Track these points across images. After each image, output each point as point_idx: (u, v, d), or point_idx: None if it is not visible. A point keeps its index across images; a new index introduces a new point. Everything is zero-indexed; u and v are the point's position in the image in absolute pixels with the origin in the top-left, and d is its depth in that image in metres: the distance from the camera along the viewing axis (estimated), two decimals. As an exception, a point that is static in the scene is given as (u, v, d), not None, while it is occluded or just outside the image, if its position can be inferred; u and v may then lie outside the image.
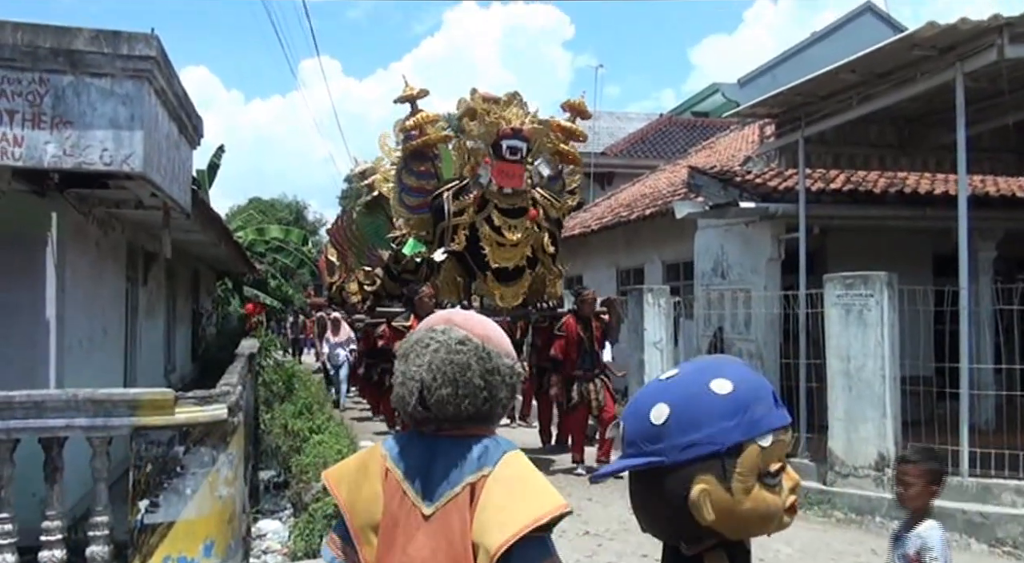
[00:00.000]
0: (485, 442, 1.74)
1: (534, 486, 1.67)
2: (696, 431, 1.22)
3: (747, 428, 1.23)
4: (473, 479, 1.68)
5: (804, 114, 9.70)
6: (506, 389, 1.78)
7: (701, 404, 1.24)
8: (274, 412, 10.45)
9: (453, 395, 1.72)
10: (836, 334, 8.37)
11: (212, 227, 10.66)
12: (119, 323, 9.02)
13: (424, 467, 1.75)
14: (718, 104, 24.59)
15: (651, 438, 1.24)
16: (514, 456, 1.73)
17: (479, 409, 1.74)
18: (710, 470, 1.22)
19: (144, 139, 5.54)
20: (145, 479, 4.35)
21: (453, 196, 10.03)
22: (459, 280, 10.33)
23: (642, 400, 1.31)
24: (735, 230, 11.22)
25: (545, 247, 10.24)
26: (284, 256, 23.76)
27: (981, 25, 7.09)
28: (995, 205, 11.06)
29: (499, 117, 9.57)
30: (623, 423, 1.32)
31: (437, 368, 1.74)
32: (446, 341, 1.77)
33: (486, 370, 1.75)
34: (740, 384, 1.26)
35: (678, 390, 1.27)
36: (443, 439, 1.76)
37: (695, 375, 1.30)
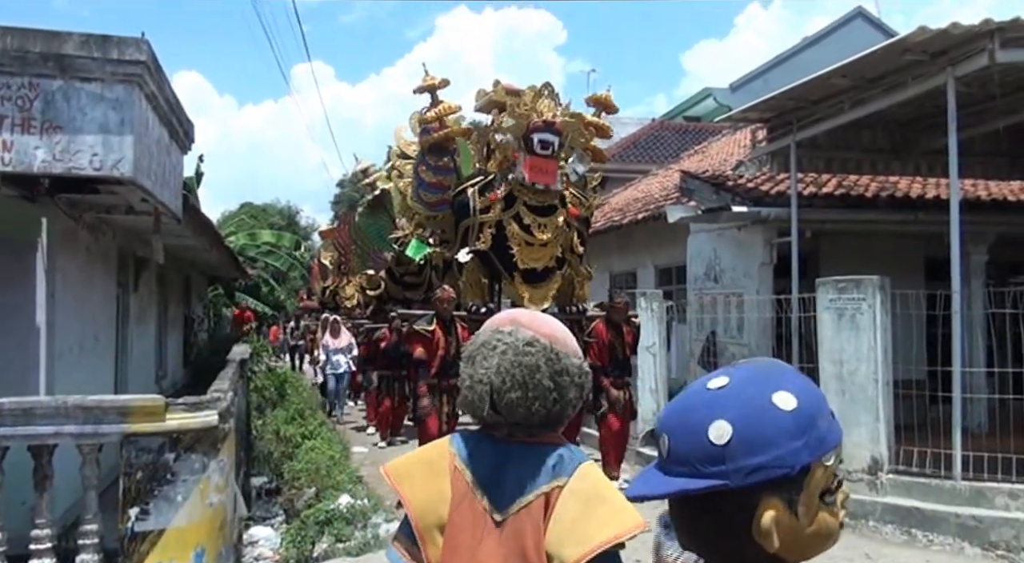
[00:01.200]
0: (560, 451, 1.73)
1: (612, 502, 1.67)
2: (763, 453, 1.10)
3: (814, 448, 1.13)
4: (547, 488, 1.67)
5: (796, 118, 9.73)
6: (575, 389, 1.76)
7: (767, 423, 1.12)
8: (266, 418, 10.41)
9: (523, 398, 1.70)
10: (829, 338, 8.37)
11: (203, 232, 10.62)
12: (110, 329, 8.97)
13: (496, 472, 1.72)
14: (710, 109, 24.64)
15: (711, 460, 1.11)
16: (589, 467, 1.72)
17: (549, 411, 1.72)
18: (777, 494, 1.11)
19: (134, 144, 5.51)
20: (135, 486, 4.32)
21: (478, 192, 9.56)
22: (484, 281, 9.82)
23: (693, 413, 1.17)
24: (727, 234, 11.23)
25: (574, 247, 9.84)
26: (275, 260, 23.65)
27: (972, 30, 7.11)
28: (987, 209, 11.10)
29: (530, 109, 9.12)
30: (666, 437, 1.17)
31: (506, 371, 1.71)
32: (513, 343, 1.74)
33: (555, 371, 1.73)
34: (803, 398, 1.14)
35: (738, 405, 1.14)
36: (515, 445, 1.75)
37: (754, 387, 1.16)
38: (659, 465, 1.20)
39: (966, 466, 7.45)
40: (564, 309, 9.79)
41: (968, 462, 7.46)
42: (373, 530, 6.84)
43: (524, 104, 9.09)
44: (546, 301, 9.49)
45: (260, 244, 23.19)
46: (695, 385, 1.21)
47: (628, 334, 9.38)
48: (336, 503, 7.12)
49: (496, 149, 9.57)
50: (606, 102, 10.11)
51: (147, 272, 10.96)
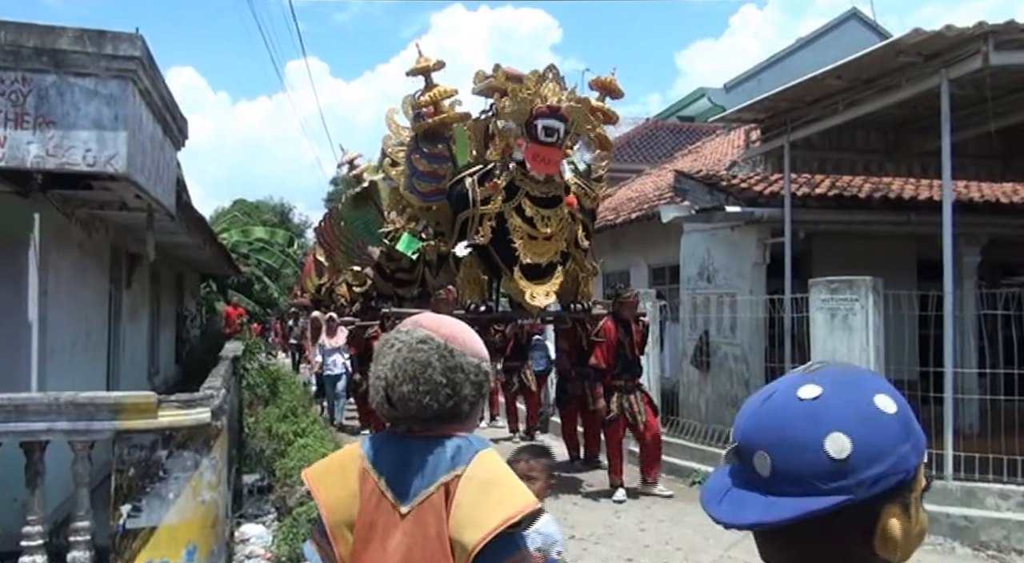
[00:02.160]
0: (457, 442, 1.80)
1: (506, 486, 1.75)
2: (883, 462, 1.06)
3: (917, 448, 1.10)
4: (447, 479, 1.74)
5: (790, 119, 9.75)
6: (471, 386, 1.84)
7: (880, 429, 1.08)
8: (258, 415, 10.38)
9: (414, 392, 1.78)
10: (821, 338, 8.39)
11: (196, 229, 10.60)
12: (102, 326, 8.95)
13: (399, 467, 1.81)
14: (704, 109, 24.66)
15: (832, 476, 1.05)
16: (486, 455, 1.79)
17: (443, 405, 1.80)
18: (895, 500, 1.07)
19: (128, 140, 5.50)
20: (127, 483, 4.31)
21: (478, 182, 8.93)
22: (483, 278, 9.20)
23: (796, 427, 1.09)
24: (721, 234, 11.24)
25: (579, 241, 9.20)
26: (268, 257, 23.58)
27: (966, 32, 7.14)
28: (979, 211, 11.13)
29: (534, 94, 8.50)
30: (767, 454, 1.10)
31: (399, 366, 1.81)
32: (408, 341, 1.84)
33: (447, 367, 1.80)
34: (896, 398, 1.11)
35: (849, 415, 1.08)
36: (416, 439, 1.82)
37: (854, 394, 1.11)
38: (751, 482, 1.12)
39: (957, 466, 7.48)
40: (568, 307, 9.38)
41: (959, 462, 7.49)
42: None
43: (527, 89, 8.53)
44: (549, 297, 8.99)
45: (253, 241, 23.16)
46: (778, 395, 1.15)
47: (637, 333, 9.00)
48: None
49: (496, 136, 9.01)
50: (611, 86, 9.60)
51: (140, 269, 10.93)
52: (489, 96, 9.25)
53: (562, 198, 8.78)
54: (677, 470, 9.72)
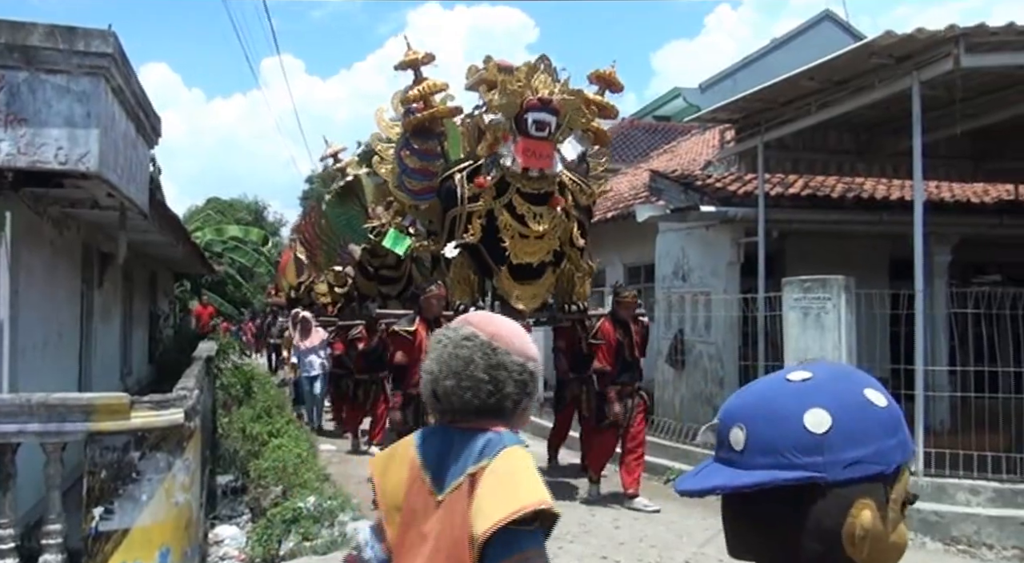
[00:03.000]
0: (489, 436, 1.86)
1: (521, 480, 1.78)
2: (863, 447, 1.04)
3: (903, 449, 1.09)
4: (474, 469, 1.80)
5: (764, 120, 9.82)
6: (514, 384, 1.89)
7: (865, 415, 1.07)
8: (232, 416, 10.31)
9: (456, 386, 1.86)
10: (794, 337, 8.46)
11: (170, 228, 10.51)
12: (74, 325, 8.85)
13: (440, 456, 1.90)
14: (679, 108, 24.77)
15: (806, 449, 1.04)
16: (513, 450, 1.83)
17: (484, 401, 1.86)
18: (871, 494, 1.05)
19: (100, 138, 5.45)
20: (100, 485, 4.27)
21: (467, 178, 8.51)
22: (473, 278, 8.78)
23: (779, 402, 1.09)
24: (696, 233, 11.30)
25: (574, 240, 8.75)
26: (241, 255, 23.38)
27: (937, 35, 7.22)
28: (950, 210, 11.28)
29: (524, 86, 8.04)
30: (744, 426, 1.09)
31: (444, 362, 1.89)
32: (454, 338, 1.92)
33: (490, 365, 1.86)
34: (889, 398, 1.11)
35: (832, 396, 1.08)
36: (457, 431, 1.89)
37: (844, 381, 1.11)
38: (725, 458, 1.11)
39: (928, 463, 7.58)
40: (563, 308, 9.00)
41: (930, 458, 7.59)
42: (340, 528, 6.81)
43: (517, 80, 8.09)
44: (536, 300, 8.64)
45: (227, 239, 22.98)
46: (768, 378, 1.16)
47: (636, 333, 8.60)
48: (303, 501, 7.08)
49: (487, 130, 8.57)
50: (610, 79, 9.15)
51: (112, 268, 10.83)
52: (481, 93, 8.92)
53: (555, 195, 8.42)
54: (651, 468, 9.76)
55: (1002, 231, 11.30)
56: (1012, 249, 11.94)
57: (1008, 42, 7.38)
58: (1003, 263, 12.65)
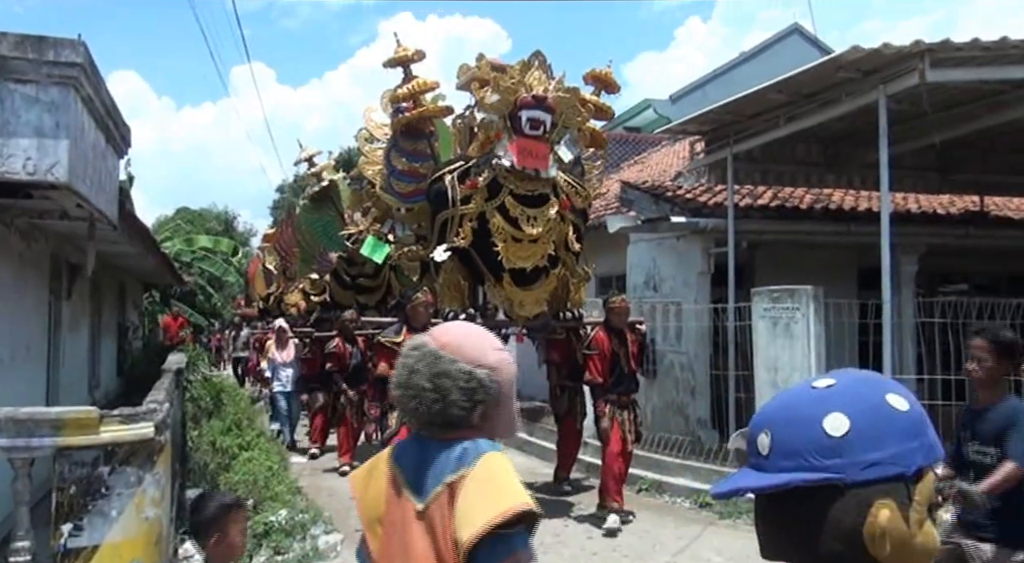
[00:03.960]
0: (465, 445, 1.87)
1: (501, 485, 1.80)
2: (880, 449, 1.08)
3: (927, 452, 1.11)
4: (452, 479, 1.81)
5: (733, 132, 9.93)
6: (459, 392, 1.88)
7: (883, 419, 1.10)
8: (202, 429, 10.21)
9: (403, 396, 1.91)
10: (764, 346, 8.54)
11: (139, 239, 10.41)
12: (42, 338, 8.74)
13: (418, 467, 1.91)
14: (650, 120, 24.92)
15: (826, 451, 1.08)
16: (492, 457, 1.85)
17: (430, 409, 1.88)
18: (891, 495, 1.08)
19: (70, 148, 5.39)
20: (69, 501, 4.21)
21: (458, 179, 8.11)
22: (464, 284, 8.37)
23: (801, 408, 1.13)
24: (667, 244, 11.38)
25: (569, 244, 8.30)
26: (211, 265, 23.16)
27: (903, 50, 7.34)
28: (917, 221, 11.46)
29: (518, 83, 7.70)
30: (768, 431, 1.14)
31: (396, 372, 1.96)
32: (405, 351, 1.98)
33: (433, 373, 1.88)
34: (913, 403, 1.13)
35: (852, 400, 1.11)
36: (434, 442, 1.90)
37: (865, 386, 1.15)
38: (754, 464, 1.15)
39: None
40: (558, 315, 8.60)
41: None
42: (312, 542, 6.77)
43: (511, 77, 7.76)
44: (539, 306, 8.20)
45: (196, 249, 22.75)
46: (795, 387, 1.20)
47: (633, 343, 8.31)
48: (274, 515, 7.03)
49: (479, 130, 8.23)
50: (607, 79, 8.86)
51: (81, 279, 10.70)
52: (473, 92, 8.59)
53: (549, 196, 8.02)
54: (625, 478, 9.79)
55: (968, 241, 11.49)
56: (978, 259, 12.15)
57: (972, 57, 7.53)
58: (969, 273, 12.87)
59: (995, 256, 12.10)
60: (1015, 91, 8.44)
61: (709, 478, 8.33)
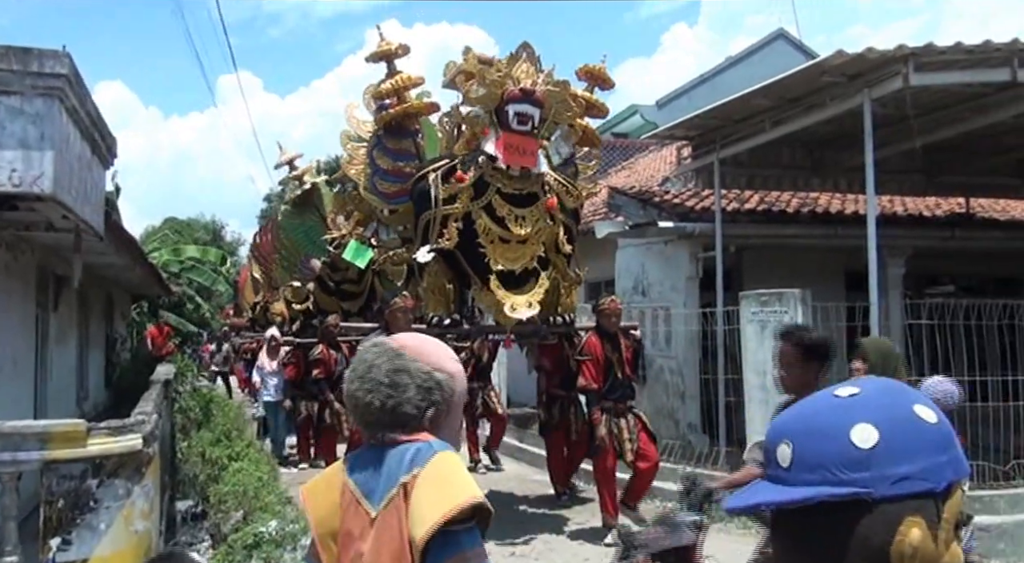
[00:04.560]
0: (418, 445, 1.88)
1: (452, 482, 1.81)
2: (911, 463, 1.01)
3: (956, 467, 1.05)
4: (406, 479, 1.82)
5: (719, 137, 9.97)
6: (416, 390, 1.92)
7: (913, 431, 1.04)
8: (191, 440, 10.15)
9: (359, 389, 1.92)
10: (752, 350, 8.56)
11: (126, 250, 10.36)
12: (29, 351, 8.69)
13: (369, 474, 1.90)
14: (637, 125, 24.99)
15: (853, 464, 1.01)
16: (444, 455, 1.87)
17: (384, 403, 1.89)
18: (921, 512, 1.02)
19: (55, 159, 5.38)
20: (57, 515, 4.19)
21: (442, 178, 7.70)
22: (449, 287, 8.00)
23: (824, 417, 1.07)
24: (655, 249, 11.41)
25: (560, 245, 7.97)
26: (199, 275, 23.06)
27: (887, 54, 7.39)
28: (903, 224, 11.51)
29: (505, 76, 7.33)
30: (790, 442, 1.07)
31: (353, 367, 1.99)
32: (364, 347, 2.03)
33: (391, 369, 1.92)
34: (940, 415, 1.08)
35: (879, 411, 1.05)
36: (386, 447, 1.90)
37: (892, 397, 1.09)
38: (773, 476, 1.09)
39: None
40: (548, 320, 8.17)
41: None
42: (303, 552, 6.74)
43: (497, 70, 7.37)
44: (532, 309, 7.68)
45: (184, 259, 22.65)
46: (816, 395, 1.13)
47: (627, 349, 7.93)
48: (264, 526, 6.99)
49: (465, 126, 7.84)
50: (600, 75, 8.44)
51: (67, 290, 10.64)
52: (459, 87, 8.07)
53: (538, 195, 7.63)
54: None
55: (954, 243, 11.55)
56: (964, 260, 12.22)
57: (955, 61, 7.58)
58: (956, 274, 12.94)
59: (981, 257, 12.18)
60: (998, 94, 8.49)
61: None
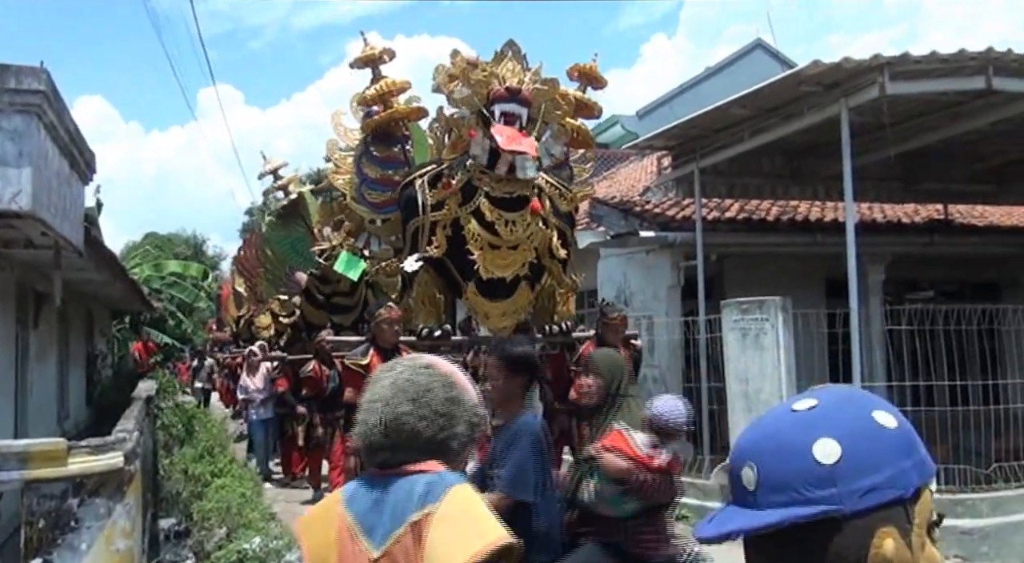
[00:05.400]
0: (429, 478, 1.74)
1: (475, 519, 1.68)
2: (876, 473, 0.99)
3: (921, 469, 1.04)
4: (417, 517, 1.68)
5: (699, 146, 10.02)
6: (465, 425, 1.80)
7: (875, 440, 1.01)
8: (173, 457, 10.08)
9: (410, 414, 1.74)
10: (734, 358, 8.59)
11: (106, 266, 10.30)
12: (8, 369, 8.62)
13: (371, 509, 1.75)
14: (618, 135, 25.06)
15: (819, 482, 0.99)
16: (459, 490, 1.73)
17: (435, 435, 1.76)
18: (892, 521, 1.00)
19: (33, 176, 5.36)
20: (37, 536, 4.15)
21: (429, 183, 7.32)
22: (439, 297, 7.54)
23: (785, 435, 1.04)
24: (636, 258, 11.44)
25: (554, 250, 7.48)
26: (180, 291, 22.90)
27: (863, 64, 7.45)
28: (882, 230, 11.60)
29: (489, 75, 6.87)
30: (753, 465, 1.04)
31: (400, 386, 1.78)
32: (411, 365, 1.84)
33: (448, 397, 1.78)
34: (900, 418, 1.05)
35: (839, 423, 1.03)
36: (389, 477, 1.77)
37: (851, 406, 1.06)
38: (739, 501, 1.06)
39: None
40: (544, 330, 7.74)
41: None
42: (288, 569, 6.69)
43: (482, 69, 6.95)
44: (508, 319, 7.41)
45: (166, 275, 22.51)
46: (774, 411, 1.11)
47: (627, 359, 7.39)
48: (248, 543, 6.95)
49: (451, 129, 7.47)
50: (592, 74, 8.05)
51: (48, 307, 10.57)
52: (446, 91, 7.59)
53: (529, 198, 7.13)
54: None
55: (932, 249, 11.65)
56: (943, 266, 12.32)
57: (931, 70, 7.65)
58: (935, 280, 13.03)
59: (960, 263, 12.29)
60: (974, 101, 8.58)
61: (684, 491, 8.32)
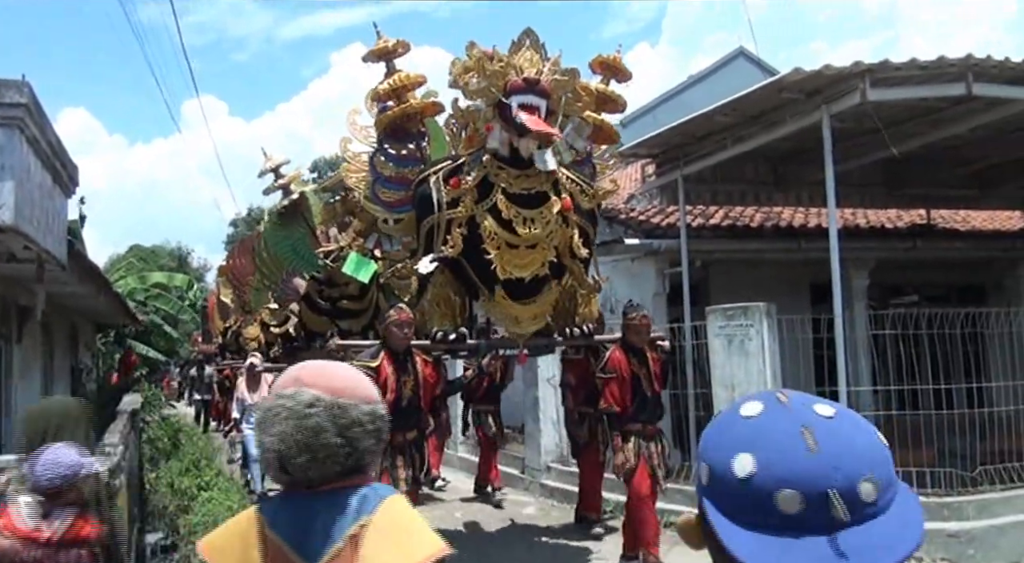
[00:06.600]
0: (363, 491, 1.72)
1: (411, 531, 1.67)
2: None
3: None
4: (354, 530, 1.66)
5: (682, 154, 10.07)
6: (369, 437, 1.75)
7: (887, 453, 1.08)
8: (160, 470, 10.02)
9: (312, 461, 1.68)
10: (720, 364, 8.61)
11: (90, 279, 10.25)
12: (-10, 384, 8.57)
13: (304, 527, 1.70)
14: (602, 143, 25.13)
15: (893, 485, 1.05)
16: (392, 502, 1.72)
17: (344, 464, 1.71)
18: None
19: (15, 189, 5.34)
20: (21, 549, 4.12)
21: (444, 180, 7.00)
22: (455, 299, 7.27)
23: (855, 437, 1.05)
24: (622, 266, 11.46)
25: (575, 249, 7.10)
26: (165, 303, 22.76)
27: (844, 71, 7.50)
28: (866, 236, 11.67)
29: (506, 65, 6.42)
30: (872, 473, 1.02)
31: (290, 437, 1.68)
32: (294, 407, 1.70)
33: (342, 427, 1.70)
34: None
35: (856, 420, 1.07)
36: (319, 495, 1.73)
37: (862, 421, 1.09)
38: (857, 519, 1.00)
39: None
40: (564, 333, 7.46)
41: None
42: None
43: (498, 60, 6.53)
44: (539, 322, 7.15)
45: (150, 287, 22.37)
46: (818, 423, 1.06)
47: (655, 362, 7.30)
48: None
49: (468, 122, 7.23)
50: (616, 66, 7.61)
51: (31, 322, 10.48)
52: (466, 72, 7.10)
53: (548, 195, 6.74)
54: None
55: (916, 254, 11.72)
56: (927, 271, 12.42)
57: (911, 76, 7.71)
58: (919, 284, 13.13)
59: (943, 267, 12.38)
60: (953, 108, 8.66)
61: (672, 497, 8.35)
